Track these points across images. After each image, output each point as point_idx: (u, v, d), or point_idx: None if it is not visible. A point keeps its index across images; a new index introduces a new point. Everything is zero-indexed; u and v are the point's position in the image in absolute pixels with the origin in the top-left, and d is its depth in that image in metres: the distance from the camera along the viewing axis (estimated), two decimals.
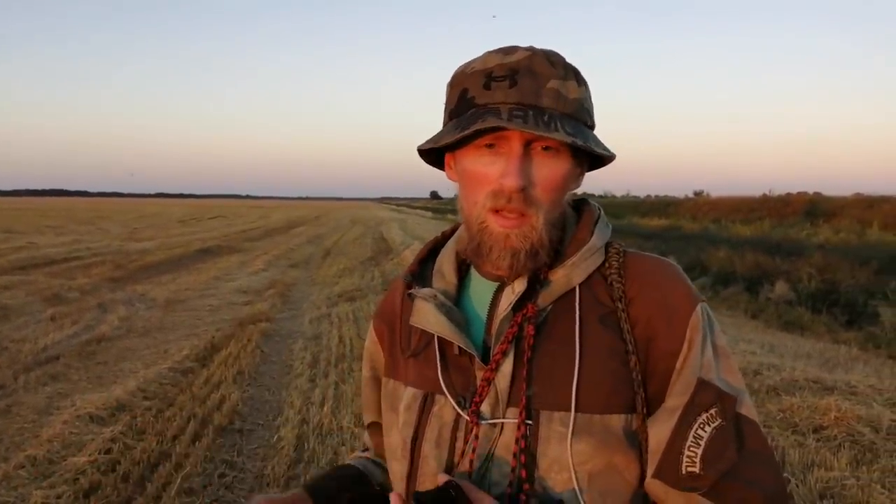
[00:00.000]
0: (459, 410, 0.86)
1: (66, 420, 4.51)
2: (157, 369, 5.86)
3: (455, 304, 0.91)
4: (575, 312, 0.84)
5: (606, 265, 0.87)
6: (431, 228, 33.38)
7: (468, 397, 0.85)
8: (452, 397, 0.87)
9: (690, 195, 48.15)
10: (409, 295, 0.92)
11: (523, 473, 0.81)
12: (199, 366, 6.14)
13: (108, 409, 4.76)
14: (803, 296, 11.68)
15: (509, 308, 0.85)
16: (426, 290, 0.91)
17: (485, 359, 0.86)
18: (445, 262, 0.96)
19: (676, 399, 0.81)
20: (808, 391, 5.11)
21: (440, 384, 0.88)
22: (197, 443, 4.27)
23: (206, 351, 6.67)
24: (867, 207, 23.88)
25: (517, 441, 0.81)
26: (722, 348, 0.84)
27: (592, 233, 0.89)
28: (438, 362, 0.89)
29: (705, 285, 13.77)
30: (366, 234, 28.80)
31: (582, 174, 0.91)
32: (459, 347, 0.86)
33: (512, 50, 0.84)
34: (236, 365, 6.19)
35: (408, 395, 0.92)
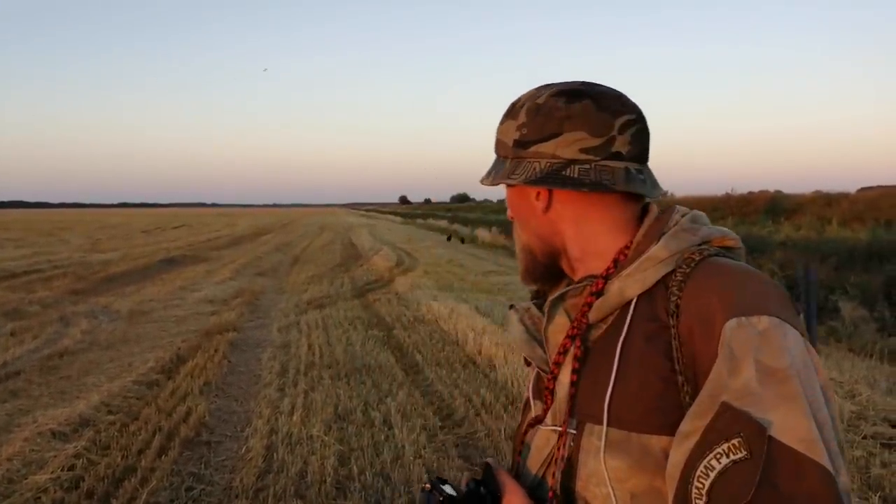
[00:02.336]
0: (532, 413, 0.96)
1: (26, 437, 4.40)
2: (122, 382, 5.75)
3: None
4: (624, 326, 0.84)
5: (674, 275, 0.83)
6: (401, 233, 33.34)
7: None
8: (536, 401, 0.96)
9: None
10: (511, 306, 1.03)
11: (554, 482, 0.87)
12: (164, 378, 6.04)
13: (70, 424, 4.66)
14: None
15: (551, 321, 0.93)
16: (524, 304, 1.00)
17: None
18: None
19: (690, 423, 0.75)
20: None
21: (529, 390, 0.99)
22: (163, 456, 4.20)
23: (172, 363, 6.57)
24: (826, 205, 24.46)
25: (559, 449, 0.87)
26: (775, 372, 0.72)
27: (658, 241, 0.87)
28: (532, 371, 1.00)
29: None
30: (335, 240, 28.64)
31: (541, 196, 0.93)
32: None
33: None
34: (203, 376, 6.10)
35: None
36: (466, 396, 5.37)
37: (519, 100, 0.95)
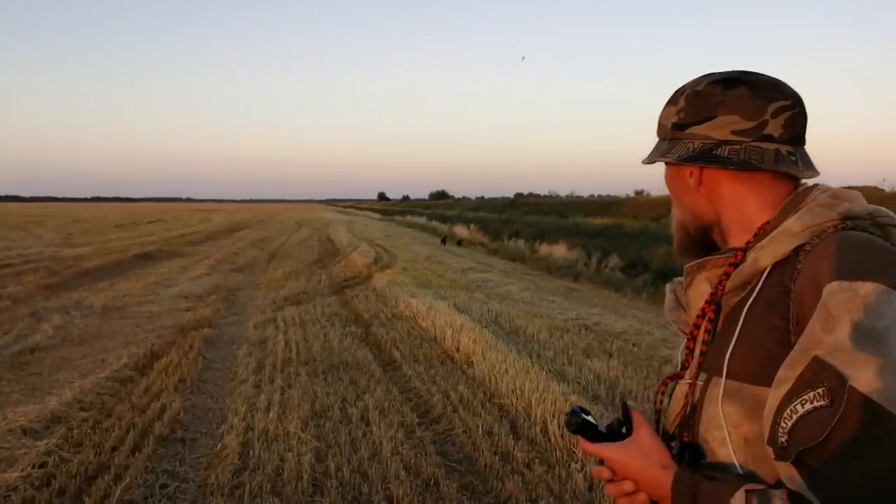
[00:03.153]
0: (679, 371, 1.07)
1: None
2: (95, 379, 5.67)
3: None
4: (754, 292, 0.94)
5: (804, 247, 0.91)
6: (379, 230, 33.26)
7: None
8: (683, 361, 1.07)
9: (632, 194, 49.21)
10: (669, 282, 1.15)
11: (683, 425, 1.00)
12: (138, 374, 5.96)
13: (42, 421, 4.58)
14: None
15: (691, 287, 1.04)
16: (679, 279, 1.11)
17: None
18: None
19: (784, 371, 0.83)
20: None
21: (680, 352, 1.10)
22: (137, 454, 4.15)
23: (146, 359, 6.49)
24: None
25: (686, 397, 1.00)
26: (871, 334, 0.78)
27: (793, 216, 0.94)
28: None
29: (646, 282, 14.11)
30: (312, 236, 28.45)
31: (693, 174, 1.03)
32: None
33: None
34: (177, 373, 6.04)
35: None
36: (444, 393, 5.38)
37: (682, 88, 1.05)
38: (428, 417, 4.92)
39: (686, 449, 0.95)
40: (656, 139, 1.10)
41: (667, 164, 1.07)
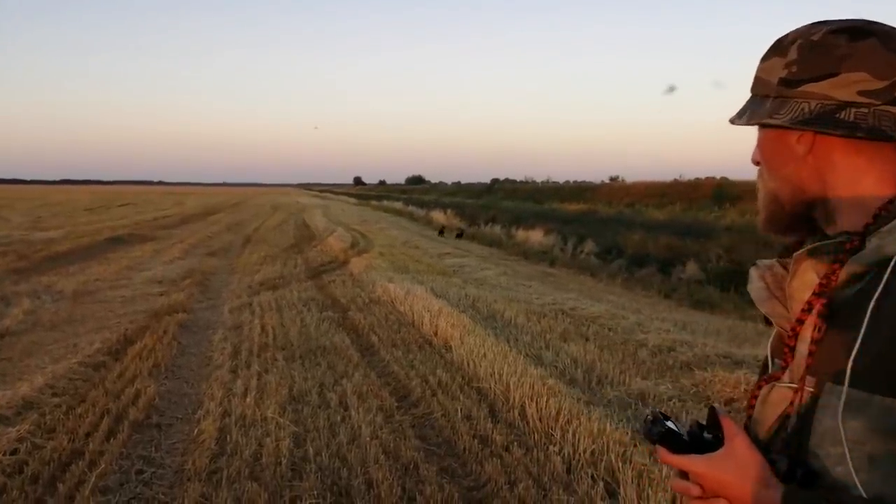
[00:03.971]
0: (771, 370, 0.93)
1: None
2: (67, 364, 5.57)
3: None
4: (879, 285, 0.80)
5: None
6: (356, 214, 33.10)
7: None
8: (773, 359, 0.94)
9: (607, 180, 49.57)
10: (753, 264, 0.99)
11: (786, 437, 0.86)
12: (111, 360, 5.87)
13: (13, 407, 4.49)
14: (712, 275, 12.28)
15: (795, 276, 0.88)
16: (767, 261, 0.96)
17: None
18: None
19: None
20: (719, 365, 5.39)
21: (768, 349, 0.97)
22: (112, 439, 4.10)
23: (120, 344, 6.40)
24: None
25: (792, 405, 0.85)
26: None
27: None
28: (773, 329, 0.96)
29: (621, 267, 14.24)
30: (288, 220, 28.23)
31: (803, 140, 0.88)
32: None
33: None
34: (152, 358, 5.96)
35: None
36: (423, 377, 5.39)
37: (787, 36, 0.89)
38: (407, 401, 4.93)
39: (797, 466, 0.82)
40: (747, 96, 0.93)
41: (768, 126, 0.90)
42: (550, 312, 8.01)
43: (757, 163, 0.94)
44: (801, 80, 0.85)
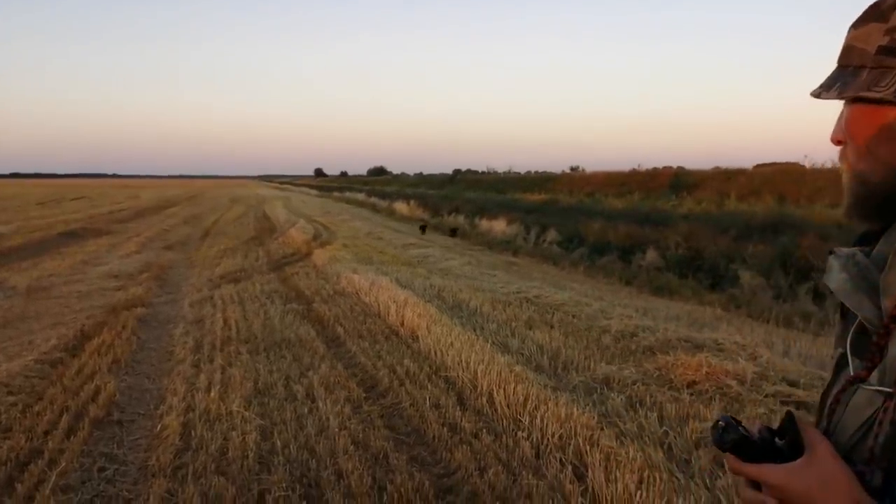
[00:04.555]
0: (851, 370, 0.84)
1: None
2: (22, 362, 5.40)
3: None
4: None
5: None
6: (317, 206, 32.77)
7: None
8: (853, 357, 0.84)
9: (567, 170, 49.99)
10: (831, 252, 0.90)
11: (875, 445, 0.77)
12: (69, 356, 5.72)
13: None
14: (671, 262, 12.50)
15: (893, 269, 0.80)
16: (848, 249, 0.88)
17: None
18: None
19: None
20: (680, 350, 5.49)
21: (846, 344, 0.86)
22: (72, 437, 4.00)
23: (77, 340, 6.23)
24: (725, 180, 25.78)
25: (885, 412, 0.76)
26: None
27: None
28: (848, 322, 0.87)
29: (583, 255, 14.40)
30: (247, 213, 27.80)
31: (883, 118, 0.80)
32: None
33: None
34: (111, 353, 5.82)
35: (834, 353, 0.92)
36: (390, 367, 5.37)
37: (886, 0, 0.80)
38: (375, 392, 4.91)
39: (893, 481, 0.74)
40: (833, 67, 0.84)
41: (866, 101, 0.80)
42: (515, 301, 8.05)
43: (839, 142, 0.85)
44: None
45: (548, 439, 3.80)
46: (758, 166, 28.56)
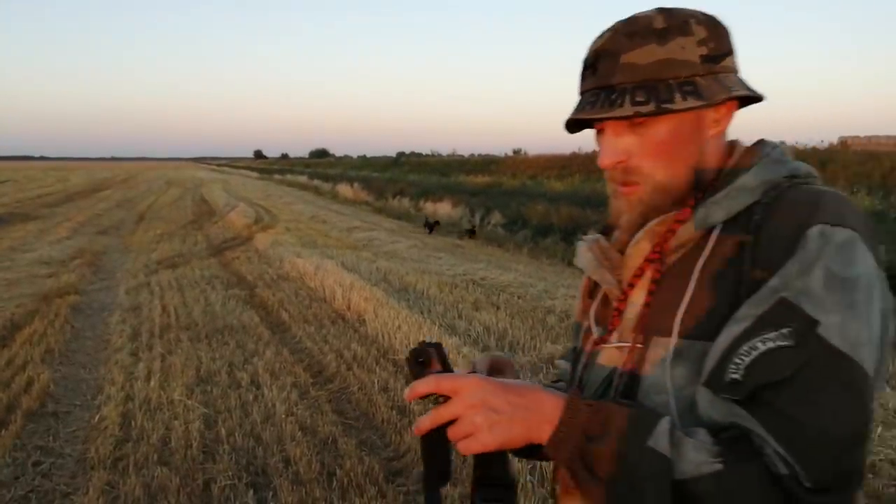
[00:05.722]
0: (595, 335, 0.97)
1: None
2: None
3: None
4: (705, 249, 0.86)
5: (759, 201, 0.85)
6: (258, 189, 32.09)
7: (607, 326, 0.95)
8: (596, 325, 0.98)
9: (510, 153, 50.36)
10: (579, 239, 1.03)
11: (615, 394, 0.89)
12: None
13: None
14: None
15: (632, 246, 0.91)
16: (591, 236, 1.01)
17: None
18: None
19: (745, 310, 0.78)
20: None
21: (589, 315, 1.01)
22: (3, 430, 3.82)
23: (6, 329, 5.96)
24: None
25: (624, 364, 0.89)
26: (842, 281, 0.75)
27: (748, 172, 0.87)
28: (592, 298, 1.02)
29: (527, 237, 14.56)
30: (184, 196, 27.02)
31: (698, 124, 0.87)
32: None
33: (605, 31, 0.90)
34: (43, 343, 5.59)
35: (576, 327, 1.07)
36: (337, 352, 5.32)
37: (674, 16, 0.87)
38: (322, 377, 4.85)
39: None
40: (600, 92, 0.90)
41: (700, 108, 0.86)
42: (462, 283, 8.09)
43: (616, 164, 0.90)
44: (722, 55, 0.87)
45: None
46: None
